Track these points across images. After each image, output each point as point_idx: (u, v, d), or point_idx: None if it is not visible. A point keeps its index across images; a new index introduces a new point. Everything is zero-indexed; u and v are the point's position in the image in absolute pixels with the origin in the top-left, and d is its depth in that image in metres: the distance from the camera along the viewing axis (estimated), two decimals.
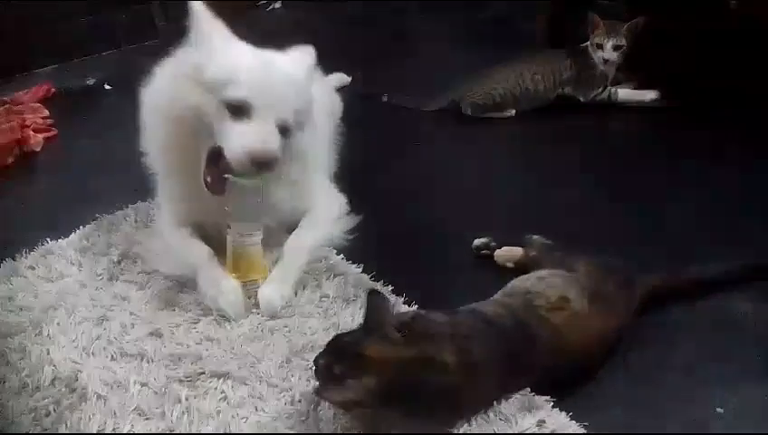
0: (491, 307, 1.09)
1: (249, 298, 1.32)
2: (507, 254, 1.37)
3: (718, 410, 1.02)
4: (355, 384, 0.91)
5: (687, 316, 1.21)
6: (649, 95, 2.12)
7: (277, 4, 3.59)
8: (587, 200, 1.64)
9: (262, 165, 1.25)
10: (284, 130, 1.29)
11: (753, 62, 2.00)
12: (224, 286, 1.31)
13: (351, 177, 1.82)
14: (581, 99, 2.14)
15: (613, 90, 2.12)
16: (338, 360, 0.95)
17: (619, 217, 1.56)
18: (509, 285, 1.17)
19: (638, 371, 1.10)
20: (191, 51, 1.33)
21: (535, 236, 1.35)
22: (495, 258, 1.39)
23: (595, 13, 2.10)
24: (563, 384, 1.05)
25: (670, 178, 1.72)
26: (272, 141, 1.26)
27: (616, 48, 2.07)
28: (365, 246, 1.49)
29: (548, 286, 1.11)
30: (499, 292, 1.16)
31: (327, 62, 2.35)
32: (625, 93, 2.13)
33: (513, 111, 2.14)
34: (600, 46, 2.08)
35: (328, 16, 3.43)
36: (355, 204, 1.72)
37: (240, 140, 1.24)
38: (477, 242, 1.43)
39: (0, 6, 2.82)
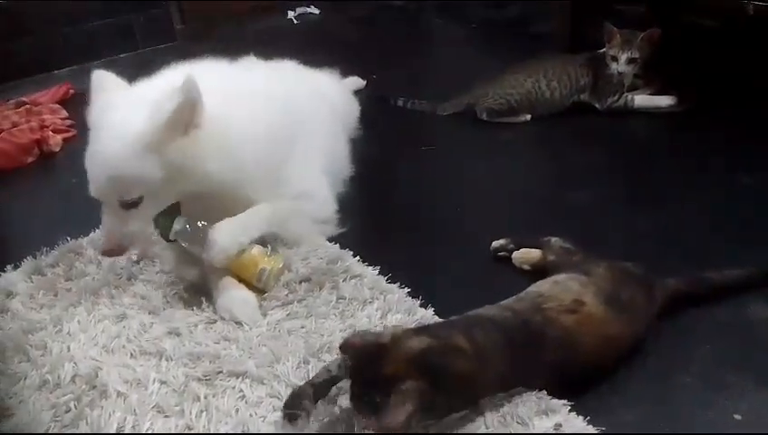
0: (493, 310, 1.09)
1: (271, 285, 1.37)
2: (524, 256, 1.38)
3: (736, 416, 1.02)
4: (402, 395, 0.90)
5: (705, 322, 1.20)
6: (666, 101, 2.10)
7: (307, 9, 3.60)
8: (603, 204, 1.64)
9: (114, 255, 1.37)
10: (132, 204, 1.30)
11: None
12: (235, 296, 1.33)
13: (367, 179, 1.83)
14: (598, 106, 2.14)
15: (630, 96, 2.11)
16: (373, 389, 0.94)
17: (636, 220, 1.55)
18: (524, 291, 1.17)
19: (655, 376, 1.10)
20: None
21: (554, 239, 1.34)
22: (513, 260, 1.40)
23: (612, 20, 2.09)
24: (577, 385, 1.05)
25: (687, 182, 1.71)
26: (111, 238, 1.33)
27: (630, 61, 2.06)
28: (381, 249, 1.49)
29: (562, 290, 1.11)
30: (511, 298, 1.16)
31: (342, 66, 2.38)
32: (642, 100, 2.12)
33: (529, 116, 2.14)
34: (615, 59, 2.07)
35: (344, 19, 3.46)
36: (371, 207, 1.74)
37: None
38: (496, 244, 1.44)
39: (20, 7, 2.87)
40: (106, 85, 1.39)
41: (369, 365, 0.95)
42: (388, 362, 0.93)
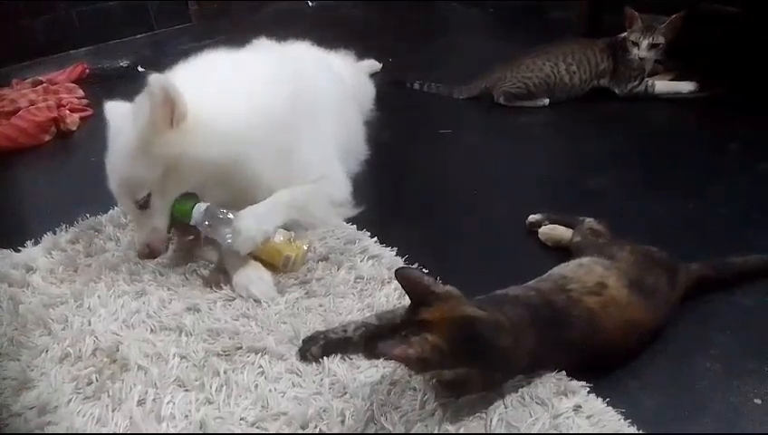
0: (518, 290, 1.09)
1: (298, 269, 1.37)
2: (550, 232, 1.38)
3: (756, 401, 1.02)
4: (420, 341, 0.91)
5: (726, 307, 1.19)
6: (687, 87, 2.09)
7: None
8: (622, 189, 1.63)
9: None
10: (144, 204, 1.34)
11: None
12: (251, 274, 1.33)
13: (383, 162, 1.83)
14: (617, 91, 2.12)
15: (650, 82, 2.10)
16: (402, 327, 0.96)
17: (655, 206, 1.54)
18: (547, 273, 1.16)
19: (675, 360, 1.09)
20: None
21: (588, 219, 1.33)
22: (539, 234, 1.40)
23: (632, 7, 2.06)
24: (600, 369, 1.05)
25: (706, 168, 1.70)
26: (140, 241, 1.39)
27: (652, 47, 2.03)
28: (399, 230, 1.49)
29: (586, 273, 1.11)
30: (533, 280, 1.16)
31: (358, 49, 2.38)
32: (662, 86, 2.11)
33: (547, 101, 2.13)
34: (636, 44, 2.05)
35: (360, 2, 3.44)
36: (388, 189, 1.73)
37: None
38: (532, 218, 1.45)
39: None
40: (119, 112, 1.43)
41: (412, 303, 0.99)
42: (431, 310, 0.95)
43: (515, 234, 1.46)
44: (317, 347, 1.12)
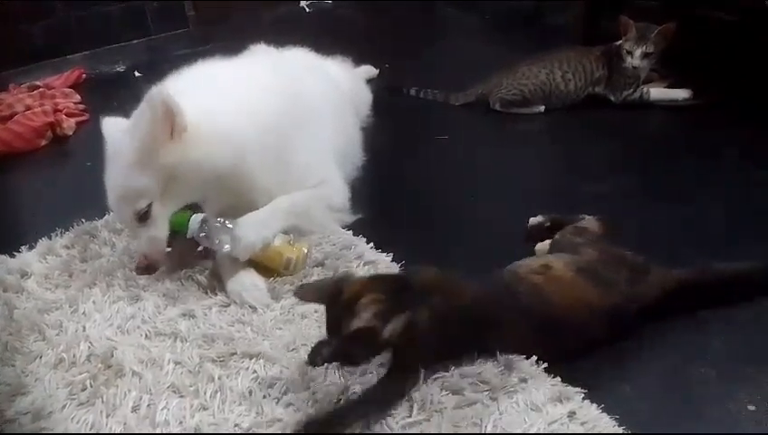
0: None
1: (299, 270, 1.39)
2: (543, 248, 1.38)
3: (749, 407, 1.02)
4: (362, 306, 0.97)
5: (720, 314, 1.20)
6: (682, 94, 2.10)
7: None
8: (617, 196, 1.63)
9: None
10: (144, 215, 1.32)
11: None
12: (246, 281, 1.33)
13: (379, 168, 1.83)
14: (612, 99, 2.13)
15: (645, 89, 2.10)
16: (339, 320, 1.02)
17: (650, 213, 1.54)
18: None
19: (669, 366, 1.10)
20: None
21: (587, 217, 1.36)
22: (536, 253, 1.39)
23: (628, 14, 2.07)
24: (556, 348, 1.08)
25: (701, 175, 1.70)
26: (140, 257, 1.37)
27: (645, 55, 2.04)
28: (394, 236, 1.50)
29: (535, 259, 1.20)
30: None
31: (355, 55, 2.38)
32: (657, 93, 2.12)
33: (543, 108, 2.13)
34: (630, 53, 2.06)
35: (357, 8, 3.45)
36: (384, 195, 1.74)
37: None
38: (533, 221, 1.45)
39: None
40: (115, 127, 1.42)
41: (332, 302, 1.03)
42: (350, 288, 1.01)
43: (512, 240, 1.46)
44: (328, 351, 1.12)
